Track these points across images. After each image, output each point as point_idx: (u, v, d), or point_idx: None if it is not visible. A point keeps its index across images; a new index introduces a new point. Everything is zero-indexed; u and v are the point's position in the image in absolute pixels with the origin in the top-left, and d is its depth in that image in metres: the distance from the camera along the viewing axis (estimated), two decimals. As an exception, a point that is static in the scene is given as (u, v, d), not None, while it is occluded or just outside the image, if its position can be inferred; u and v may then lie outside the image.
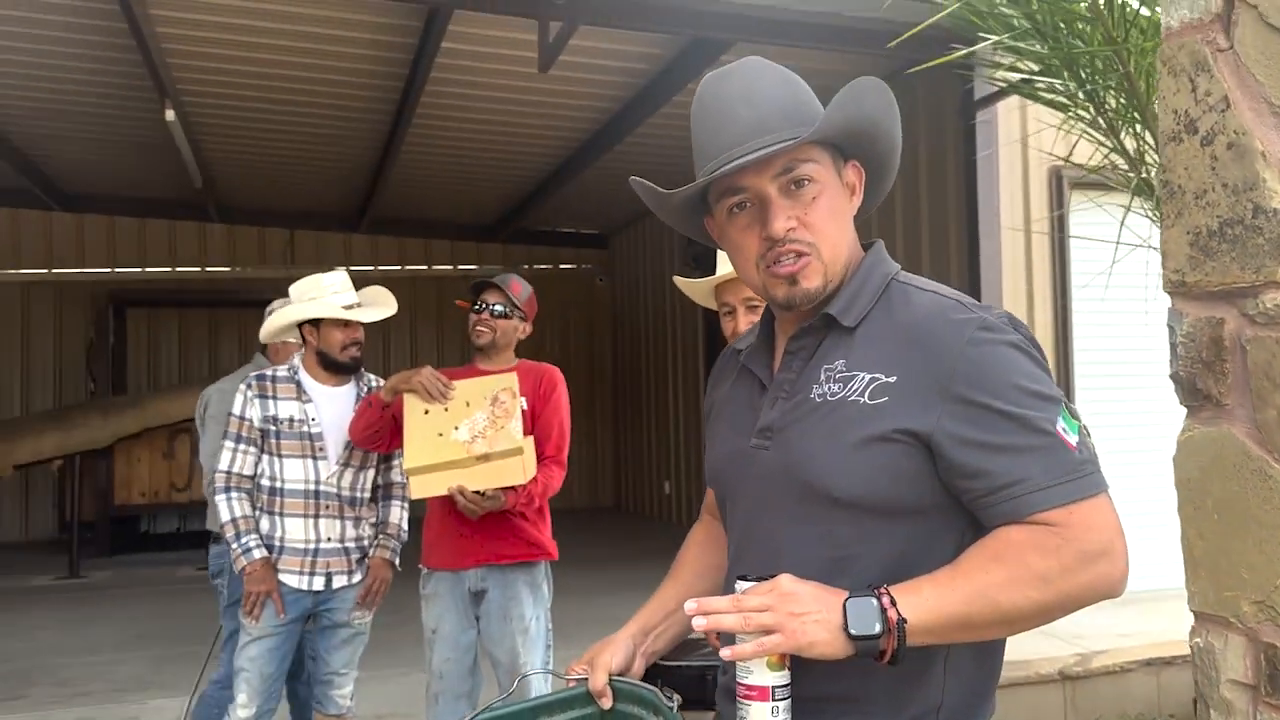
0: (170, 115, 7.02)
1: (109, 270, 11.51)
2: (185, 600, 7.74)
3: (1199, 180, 1.51)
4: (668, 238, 10.96)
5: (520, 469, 3.05)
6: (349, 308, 3.28)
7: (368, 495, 3.44)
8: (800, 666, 1.24)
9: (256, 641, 3.20)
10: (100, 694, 5.22)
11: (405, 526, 3.53)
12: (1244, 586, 1.33)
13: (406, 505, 3.54)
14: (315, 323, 3.29)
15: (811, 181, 1.33)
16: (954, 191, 6.33)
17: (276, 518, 3.25)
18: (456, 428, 3.06)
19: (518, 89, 7.09)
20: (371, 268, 12.00)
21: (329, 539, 3.29)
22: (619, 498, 13.11)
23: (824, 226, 1.33)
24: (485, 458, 3.03)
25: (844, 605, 1.19)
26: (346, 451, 3.35)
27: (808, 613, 1.19)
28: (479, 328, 3.24)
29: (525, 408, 3.22)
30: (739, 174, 1.32)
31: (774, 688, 1.24)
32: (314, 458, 3.29)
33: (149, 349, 11.85)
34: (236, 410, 3.28)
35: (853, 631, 1.18)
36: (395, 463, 3.45)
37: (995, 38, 3.19)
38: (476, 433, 3.05)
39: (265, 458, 3.27)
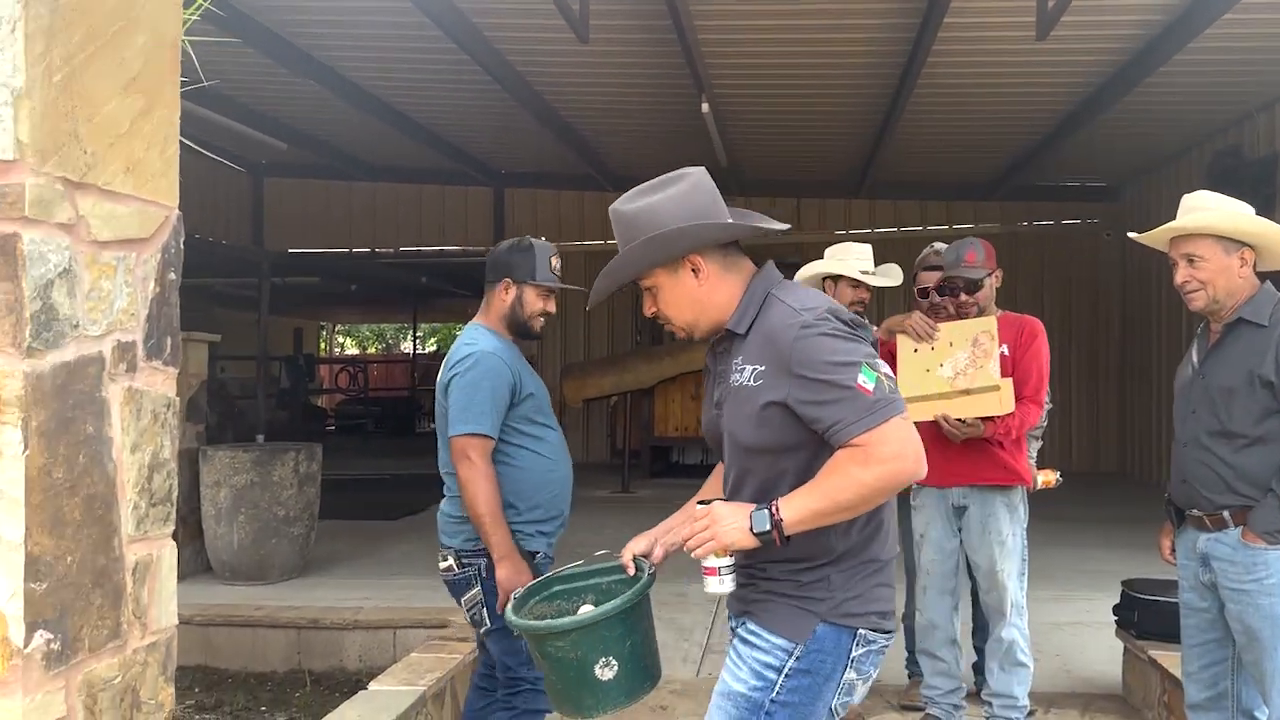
0: (705, 107, 8.29)
1: (649, 239, 13.51)
2: (712, 517, 9.16)
3: None
4: (1189, 183, 10.31)
5: (997, 403, 3.57)
6: (864, 273, 4.02)
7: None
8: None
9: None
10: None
11: None
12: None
13: None
14: (836, 279, 4.08)
15: (653, 286, 2.07)
16: None
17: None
18: (941, 365, 3.66)
19: (1016, 53, 7.32)
20: (868, 230, 12.72)
21: (838, 455, 4.09)
22: (1124, 463, 12.58)
23: (667, 308, 2.08)
24: (965, 392, 3.60)
25: (750, 515, 1.90)
26: (851, 386, 4.11)
27: (728, 525, 1.92)
28: (965, 310, 3.77)
29: (1006, 353, 3.71)
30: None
31: (720, 568, 1.97)
32: (826, 390, 4.10)
33: (680, 306, 13.74)
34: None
35: (754, 531, 1.89)
36: (891, 399, 4.13)
37: None
38: (958, 370, 3.62)
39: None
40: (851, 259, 4.04)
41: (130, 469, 1.81)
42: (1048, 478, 3.97)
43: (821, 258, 4.19)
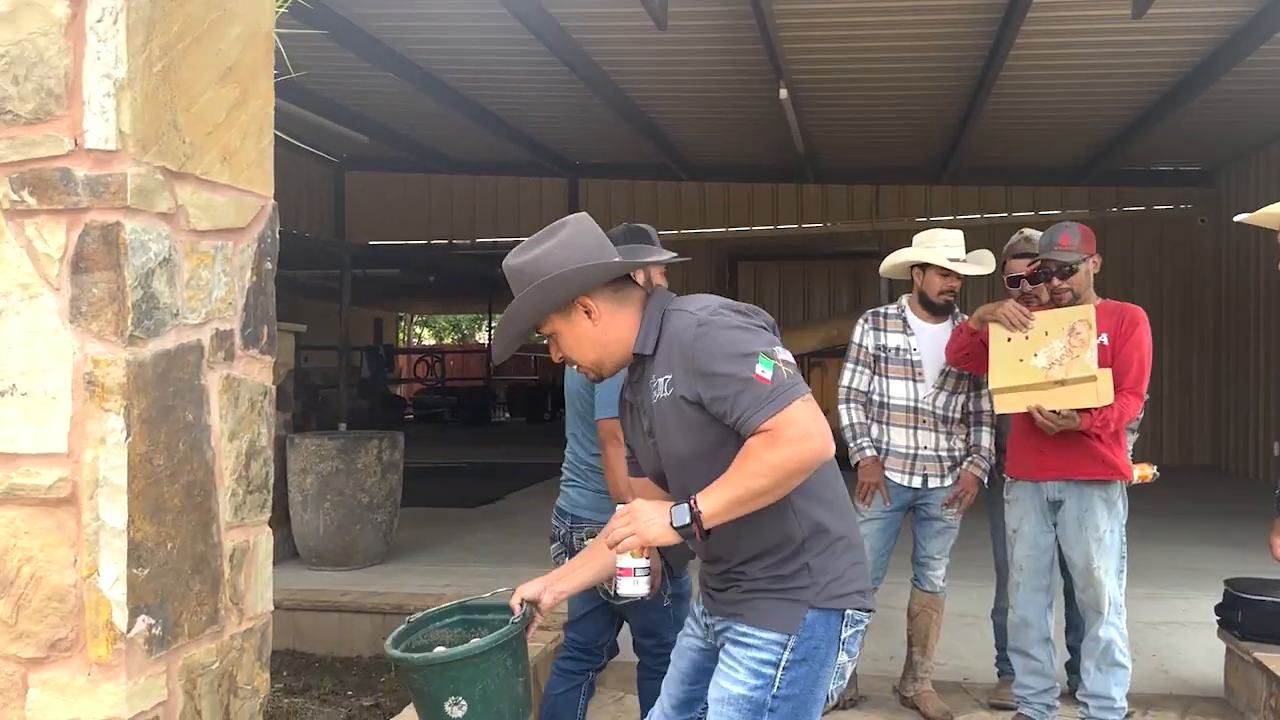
0: (783, 94, 8.17)
1: (724, 230, 13.42)
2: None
3: None
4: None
5: (1094, 394, 3.43)
6: (953, 261, 3.91)
7: (957, 415, 4.05)
8: (727, 541, 2.00)
9: (868, 522, 4.02)
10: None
11: (993, 449, 4.09)
12: None
13: (993, 430, 4.10)
14: (924, 267, 3.98)
15: (552, 333, 2.10)
16: None
17: (884, 426, 4.02)
18: (1035, 354, 3.52)
19: (1110, 32, 7.06)
20: (951, 217, 12.45)
21: (925, 447, 3.98)
22: (1217, 457, 12.13)
23: (571, 351, 2.10)
24: (1060, 382, 3.45)
25: (670, 510, 1.92)
26: (941, 377, 4.00)
27: (649, 519, 1.94)
28: (1059, 296, 3.63)
29: (1105, 343, 3.57)
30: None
31: (635, 568, 2.00)
32: (914, 380, 3.99)
33: (755, 296, 13.63)
34: (856, 339, 4.10)
35: (675, 525, 1.91)
36: (984, 391, 3.99)
37: None
38: (1054, 360, 3.49)
39: (876, 378, 4.05)
40: (940, 246, 3.92)
41: (228, 456, 1.83)
42: (1145, 472, 3.82)
43: (909, 245, 4.09)
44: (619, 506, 2.05)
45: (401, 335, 26.36)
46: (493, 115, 10.11)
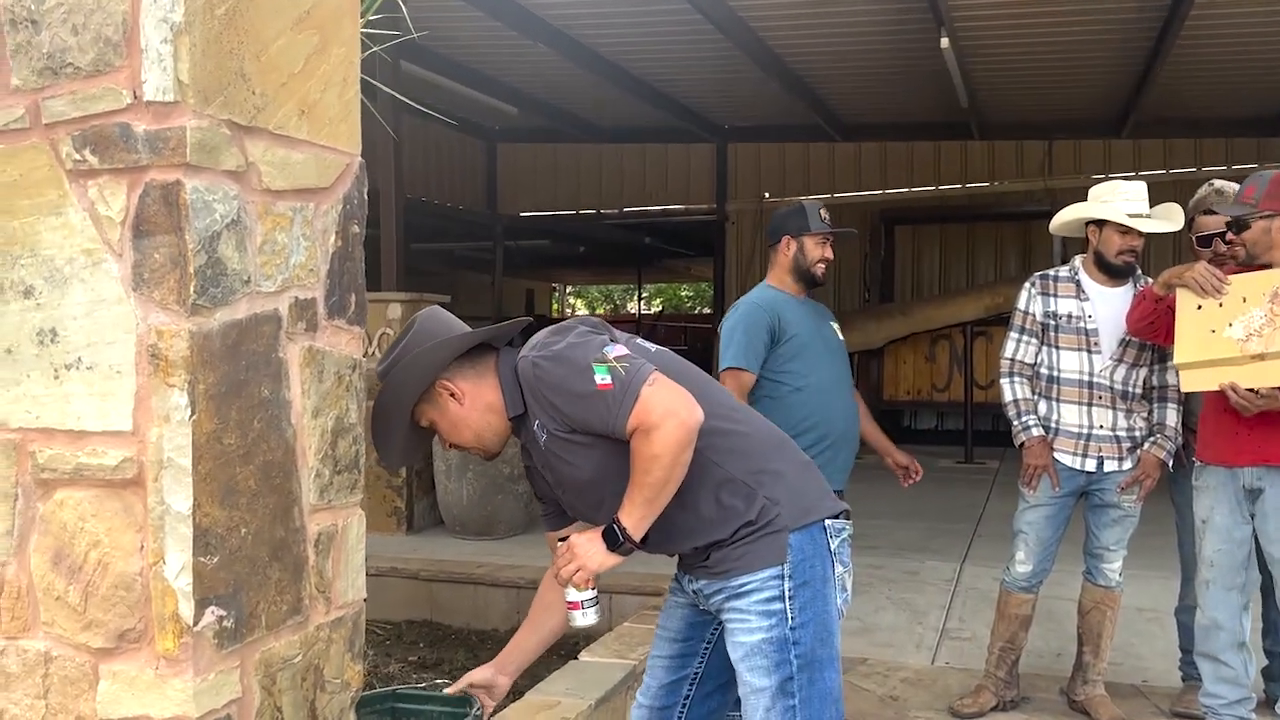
0: (945, 42, 7.64)
1: (880, 192, 12.84)
2: (947, 487, 8.63)
3: None
4: None
5: (1300, 371, 2.97)
6: (1134, 216, 3.47)
7: (1139, 391, 3.62)
8: (683, 532, 2.08)
9: (1034, 509, 3.66)
10: (885, 550, 6.25)
11: (1179, 428, 3.64)
12: None
13: (1180, 408, 3.64)
14: (1100, 224, 3.56)
15: (430, 424, 2.14)
16: None
17: (1053, 403, 3.63)
18: (1230, 324, 3.06)
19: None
20: (1133, 173, 11.51)
21: (1101, 426, 3.58)
22: None
23: (450, 436, 2.14)
24: (1260, 357, 2.99)
25: (602, 535, 1.99)
26: (1120, 348, 3.57)
27: (589, 551, 2.01)
28: (1235, 249, 3.18)
29: (1319, 309, 3.09)
30: None
31: (582, 601, 2.06)
32: (1089, 351, 3.58)
33: (913, 262, 13.02)
34: (1021, 305, 3.71)
35: (612, 548, 1.99)
36: (1170, 364, 3.55)
37: None
38: (1252, 331, 3.02)
39: (1045, 349, 3.66)
40: (1119, 199, 3.48)
41: (312, 434, 1.70)
42: None
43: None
44: (559, 545, 2.12)
45: (555, 305, 26.70)
46: (639, 80, 9.91)
